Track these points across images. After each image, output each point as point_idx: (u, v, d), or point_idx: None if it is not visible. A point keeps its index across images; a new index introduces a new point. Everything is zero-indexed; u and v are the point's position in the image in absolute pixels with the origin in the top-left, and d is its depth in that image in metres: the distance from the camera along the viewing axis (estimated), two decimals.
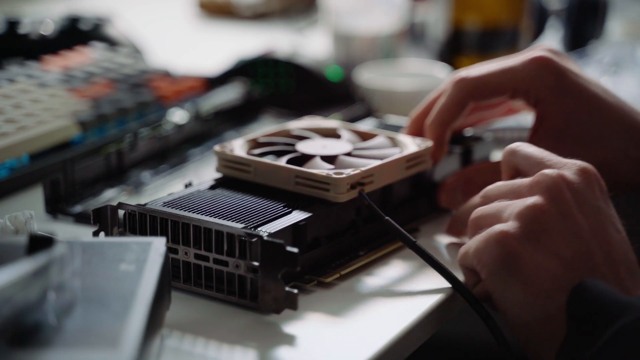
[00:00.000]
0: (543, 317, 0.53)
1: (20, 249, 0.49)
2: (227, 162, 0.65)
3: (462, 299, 0.59)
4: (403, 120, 0.80)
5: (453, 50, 1.11)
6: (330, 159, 0.65)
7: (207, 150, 0.85)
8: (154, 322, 0.50)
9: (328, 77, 0.98)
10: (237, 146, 0.67)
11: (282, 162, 0.64)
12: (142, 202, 0.60)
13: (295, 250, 0.53)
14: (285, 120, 0.93)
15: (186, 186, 0.65)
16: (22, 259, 0.46)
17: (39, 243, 0.48)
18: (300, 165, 0.64)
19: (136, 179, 0.78)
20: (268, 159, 0.65)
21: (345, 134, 0.70)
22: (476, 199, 0.62)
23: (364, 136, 0.71)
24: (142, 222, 0.59)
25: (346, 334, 0.55)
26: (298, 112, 0.93)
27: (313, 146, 0.67)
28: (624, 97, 0.71)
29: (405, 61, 1.12)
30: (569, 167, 0.57)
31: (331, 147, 0.67)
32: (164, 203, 0.60)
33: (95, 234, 0.59)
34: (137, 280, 0.50)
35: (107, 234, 0.59)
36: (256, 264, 0.55)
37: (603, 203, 0.56)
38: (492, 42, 1.10)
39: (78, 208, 0.72)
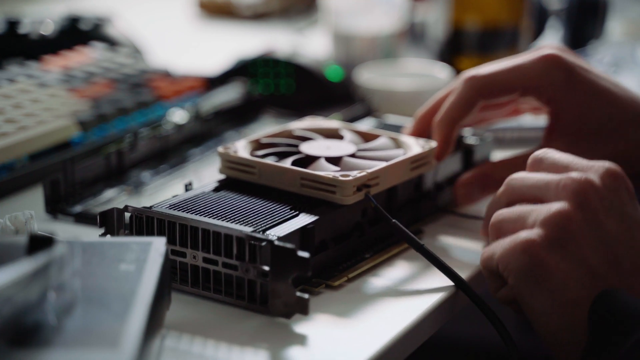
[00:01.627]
0: (570, 325, 0.53)
1: (20, 249, 0.49)
2: (231, 164, 0.65)
3: (465, 298, 0.59)
4: (402, 120, 0.80)
5: (453, 50, 1.11)
6: (334, 161, 0.65)
7: (207, 150, 0.85)
8: (154, 322, 0.50)
9: (328, 77, 0.98)
10: (241, 147, 0.66)
11: (287, 163, 0.64)
12: (146, 204, 0.59)
13: (306, 254, 0.53)
14: (285, 120, 0.93)
15: (186, 186, 0.65)
16: (22, 259, 0.46)
17: (39, 243, 0.48)
18: (305, 166, 0.64)
19: (136, 179, 0.78)
20: (271, 160, 0.65)
21: (347, 135, 0.70)
22: (500, 190, 0.61)
23: (366, 137, 0.70)
24: (149, 225, 0.58)
25: (348, 333, 0.55)
26: (298, 112, 0.94)
27: (317, 147, 0.67)
28: None
29: (405, 61, 1.12)
30: (595, 170, 0.56)
31: (335, 149, 0.67)
32: (170, 205, 0.59)
33: (102, 236, 0.59)
34: (137, 280, 0.50)
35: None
36: (266, 268, 0.54)
37: (631, 208, 0.55)
38: (492, 42, 1.10)
39: (78, 208, 0.72)
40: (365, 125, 0.77)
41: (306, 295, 0.54)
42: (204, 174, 0.80)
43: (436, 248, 0.66)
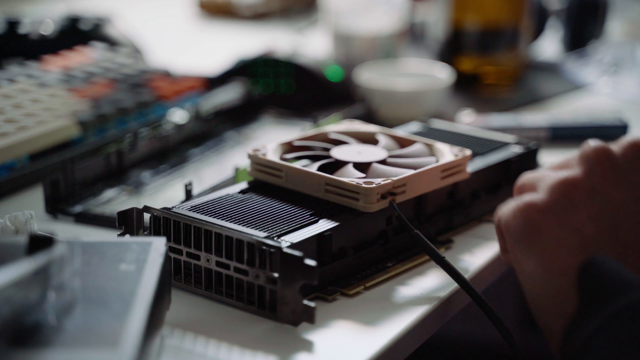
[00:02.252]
0: (556, 293, 0.52)
1: (20, 249, 0.49)
2: (259, 166, 0.64)
3: (466, 298, 0.59)
4: (447, 125, 0.77)
5: (453, 50, 1.11)
6: (363, 167, 0.64)
7: (207, 150, 0.85)
8: (154, 322, 0.50)
9: (328, 77, 0.98)
10: (271, 150, 0.65)
11: (314, 168, 0.63)
12: (147, 204, 0.59)
13: (313, 263, 0.52)
14: (285, 121, 0.93)
15: (186, 186, 0.65)
16: (22, 259, 0.46)
17: (39, 243, 0.48)
18: (333, 171, 0.63)
19: (136, 179, 0.78)
20: (302, 164, 0.64)
21: (382, 140, 0.68)
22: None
23: (403, 142, 0.69)
24: (167, 226, 0.58)
25: (348, 334, 0.55)
26: (298, 112, 0.94)
27: (348, 152, 0.66)
28: (624, 97, 0.71)
29: (405, 61, 1.12)
30: (619, 142, 0.55)
31: (365, 154, 0.65)
32: (191, 207, 0.59)
33: (121, 236, 0.59)
34: (137, 280, 0.50)
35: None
36: (275, 275, 0.54)
37: None
38: (492, 42, 1.10)
39: (78, 208, 0.72)
40: (407, 129, 0.76)
41: (313, 304, 0.53)
42: (204, 174, 0.80)
43: (465, 260, 0.64)
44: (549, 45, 1.27)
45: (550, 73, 1.17)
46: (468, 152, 0.66)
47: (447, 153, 0.66)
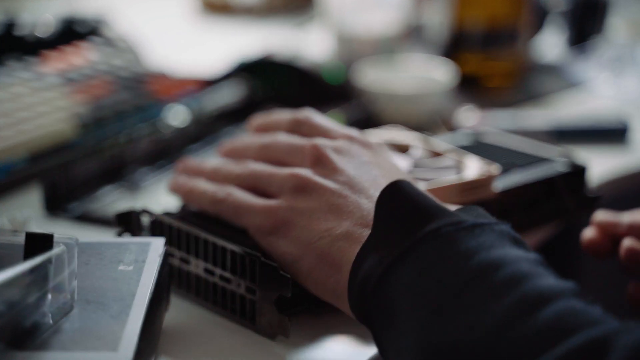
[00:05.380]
0: (318, 262, 0.52)
1: (19, 249, 0.48)
2: None
3: None
4: (497, 136, 0.73)
5: (455, 50, 1.11)
6: None
7: (207, 151, 0.85)
8: (153, 324, 0.50)
9: (328, 77, 0.98)
10: None
11: None
12: (146, 204, 0.59)
13: (287, 274, 0.52)
14: None
15: None
16: (21, 259, 0.46)
17: (38, 243, 0.48)
18: None
19: (135, 180, 0.78)
20: None
21: (415, 151, 0.66)
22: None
23: (437, 154, 0.66)
24: (162, 230, 0.58)
25: (347, 335, 0.55)
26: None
27: None
28: (624, 97, 0.70)
29: (408, 61, 1.12)
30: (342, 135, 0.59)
31: None
32: (184, 212, 0.59)
33: (120, 236, 0.59)
34: (136, 280, 0.50)
35: None
36: (254, 284, 0.54)
37: (367, 155, 0.57)
38: (494, 41, 1.10)
39: (77, 208, 0.71)
40: (454, 139, 0.72)
41: (287, 317, 0.53)
42: None
43: None
44: (550, 45, 1.27)
45: (552, 73, 1.17)
46: (495, 171, 0.62)
47: (472, 169, 0.62)
